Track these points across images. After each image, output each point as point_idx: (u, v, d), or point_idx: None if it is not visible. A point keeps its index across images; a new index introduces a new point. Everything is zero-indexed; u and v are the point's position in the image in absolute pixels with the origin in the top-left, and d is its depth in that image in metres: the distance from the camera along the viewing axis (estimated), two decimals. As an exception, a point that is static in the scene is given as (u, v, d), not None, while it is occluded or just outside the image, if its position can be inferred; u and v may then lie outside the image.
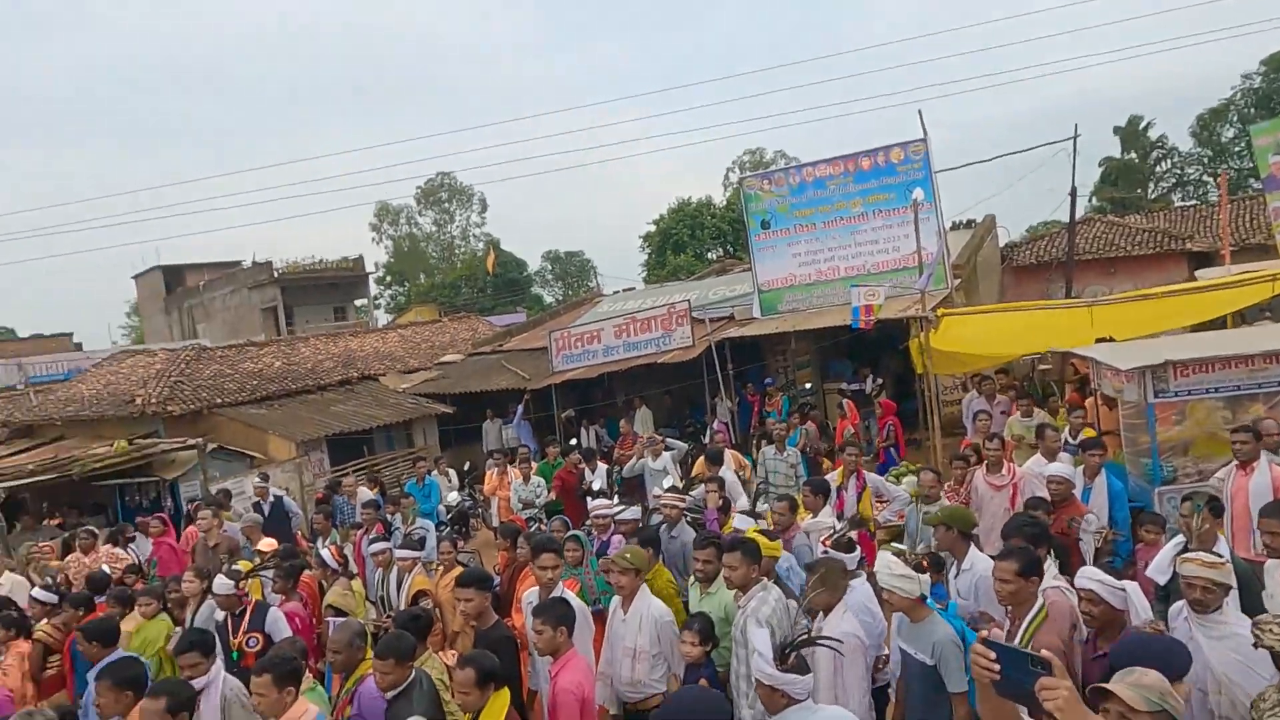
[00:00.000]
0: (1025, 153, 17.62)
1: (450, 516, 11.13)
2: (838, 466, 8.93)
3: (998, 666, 2.17)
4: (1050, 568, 4.47)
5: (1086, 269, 18.14)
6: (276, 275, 37.39)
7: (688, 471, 10.55)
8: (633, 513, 6.64)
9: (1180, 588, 3.95)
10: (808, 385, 15.75)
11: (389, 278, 55.24)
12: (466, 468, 14.67)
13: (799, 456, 9.66)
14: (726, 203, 42.44)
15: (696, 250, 40.33)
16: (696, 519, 7.19)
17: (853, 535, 5.40)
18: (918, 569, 4.18)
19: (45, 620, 6.66)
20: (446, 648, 6.05)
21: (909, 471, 10.44)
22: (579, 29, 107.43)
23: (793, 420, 11.31)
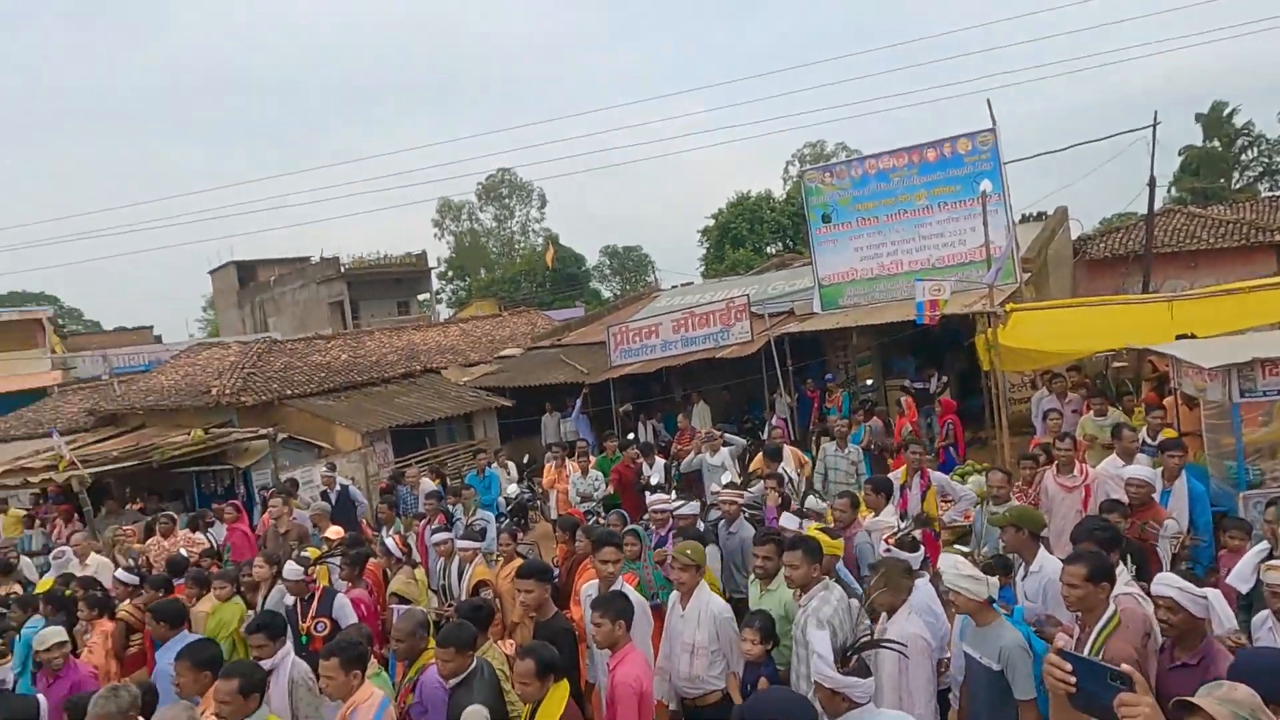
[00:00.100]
0: (1100, 142, 16.87)
1: (509, 508, 11.29)
2: (897, 465, 8.77)
3: (1074, 679, 2.09)
4: (1123, 574, 4.30)
5: (1165, 262, 17.39)
6: (343, 270, 38.43)
7: (746, 467, 10.51)
8: (691, 508, 6.63)
9: (1264, 596, 3.79)
10: (869, 381, 15.49)
11: (450, 273, 56.24)
12: (525, 460, 14.85)
13: (860, 454, 9.51)
14: (786, 196, 42.05)
15: (755, 244, 40.06)
16: (755, 515, 7.15)
17: (917, 534, 5.30)
18: (986, 571, 4.07)
19: (128, 601, 6.98)
20: (506, 638, 6.13)
21: (974, 471, 10.19)
22: (637, 23, 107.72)
23: (856, 417, 11.12)
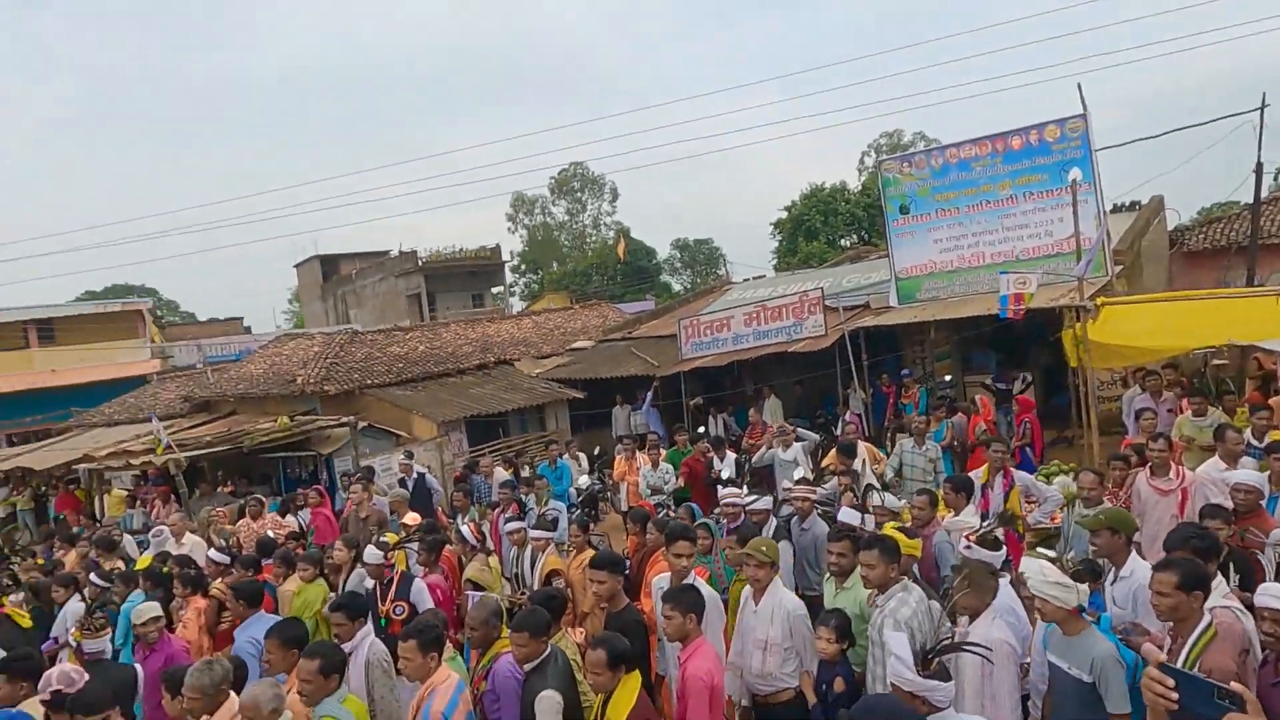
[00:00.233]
0: (1200, 127, 15.91)
1: (580, 499, 11.39)
2: (971, 464, 8.51)
3: (1176, 695, 1.98)
4: (1220, 586, 4.04)
5: (1273, 254, 16.31)
6: (420, 264, 39.43)
7: (818, 463, 10.33)
8: (764, 503, 6.54)
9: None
10: (947, 377, 15.02)
11: (523, 266, 57.02)
12: (596, 452, 14.94)
13: (939, 451, 9.24)
14: (862, 187, 41.13)
15: (829, 237, 39.36)
16: (828, 512, 7.03)
17: (999, 533, 5.10)
18: (1075, 577, 3.88)
19: (219, 579, 7.30)
20: (576, 626, 6.18)
21: (1060, 471, 9.78)
22: (710, 13, 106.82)
23: (938, 414, 10.77)
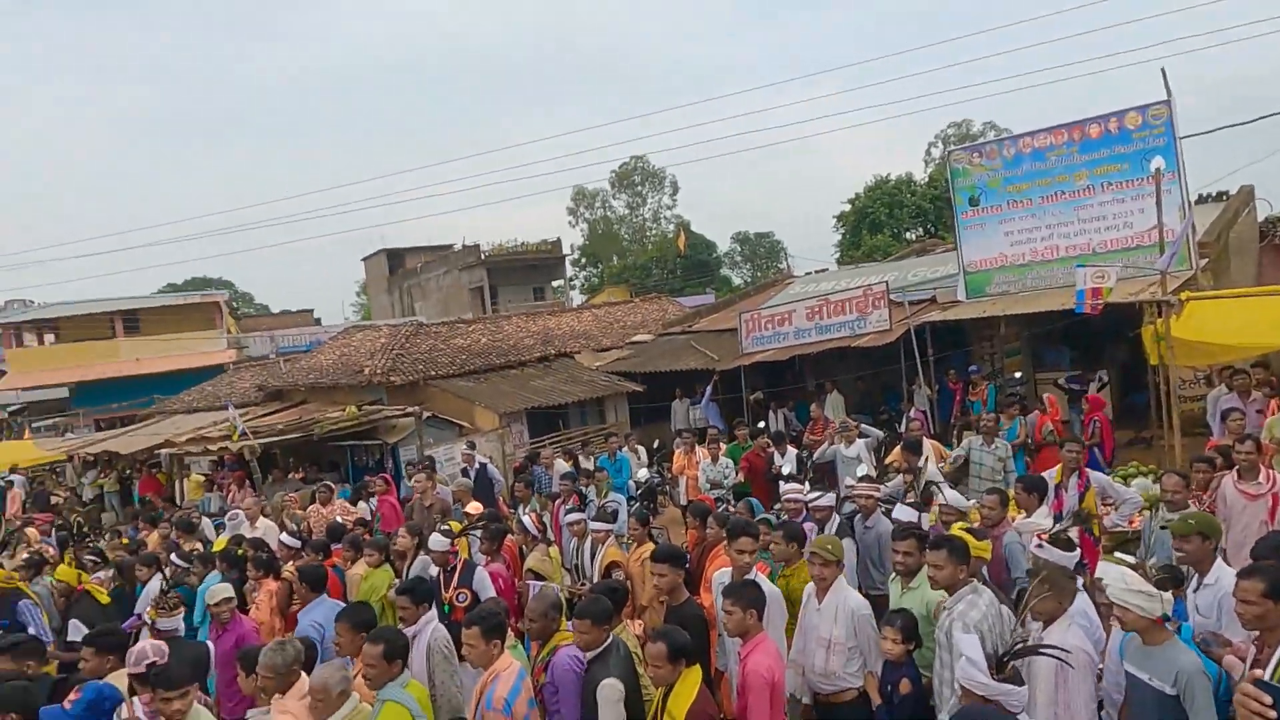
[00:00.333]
0: (1296, 112, 15.13)
1: (640, 492, 11.41)
2: (1039, 465, 8.22)
3: (1274, 713, 1.88)
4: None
5: (1372, 247, 15.41)
6: (483, 257, 40.06)
7: (882, 460, 10.14)
8: (828, 499, 6.45)
9: None
10: (1017, 374, 14.58)
11: (584, 259, 57.42)
12: (655, 445, 14.96)
13: (1009, 450, 8.95)
14: (928, 179, 40.26)
15: (894, 230, 38.63)
16: (892, 510, 6.87)
17: (1072, 533, 4.92)
18: (1158, 585, 3.72)
19: (291, 563, 7.54)
20: (635, 618, 6.19)
21: (1139, 473, 9.40)
22: (772, 4, 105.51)
23: (1010, 411, 10.43)
